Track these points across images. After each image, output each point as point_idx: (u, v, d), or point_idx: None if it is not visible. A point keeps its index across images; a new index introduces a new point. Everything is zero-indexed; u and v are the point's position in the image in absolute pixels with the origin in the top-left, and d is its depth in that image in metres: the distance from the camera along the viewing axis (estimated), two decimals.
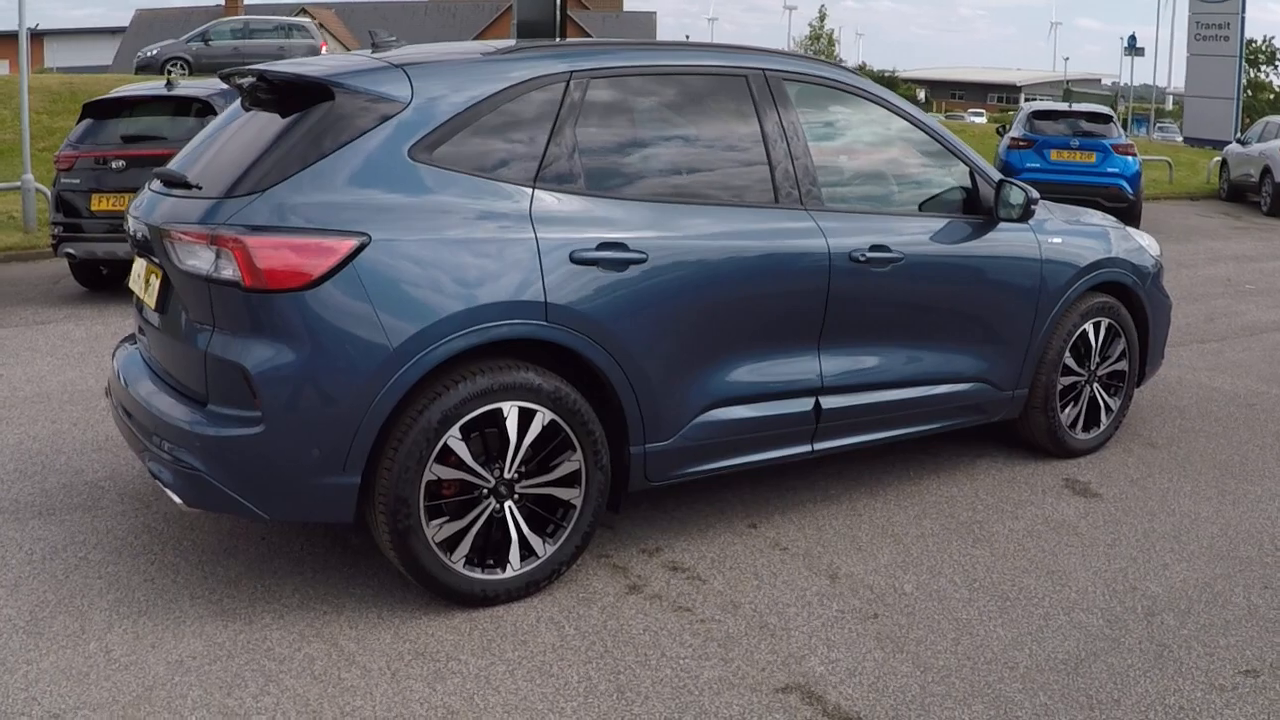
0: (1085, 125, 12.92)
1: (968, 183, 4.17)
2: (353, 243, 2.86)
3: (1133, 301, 4.74)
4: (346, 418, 2.87)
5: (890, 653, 2.94)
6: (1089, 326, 4.55)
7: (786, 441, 3.73)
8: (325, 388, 2.86)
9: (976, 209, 4.16)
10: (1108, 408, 4.73)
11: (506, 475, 3.11)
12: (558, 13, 18.29)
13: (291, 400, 2.85)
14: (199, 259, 2.90)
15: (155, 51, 22.04)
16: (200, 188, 3.04)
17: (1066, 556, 3.61)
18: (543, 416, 3.13)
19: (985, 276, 4.15)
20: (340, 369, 2.86)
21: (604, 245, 3.19)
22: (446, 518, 3.05)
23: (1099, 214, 5.04)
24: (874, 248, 3.76)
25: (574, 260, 3.13)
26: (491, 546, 3.14)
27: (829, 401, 3.76)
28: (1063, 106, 13.96)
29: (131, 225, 3.32)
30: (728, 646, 2.96)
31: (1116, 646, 3.00)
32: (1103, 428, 4.72)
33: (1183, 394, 5.65)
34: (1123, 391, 4.77)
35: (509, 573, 3.16)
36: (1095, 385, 4.66)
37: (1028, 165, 12.69)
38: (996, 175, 4.20)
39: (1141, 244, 4.87)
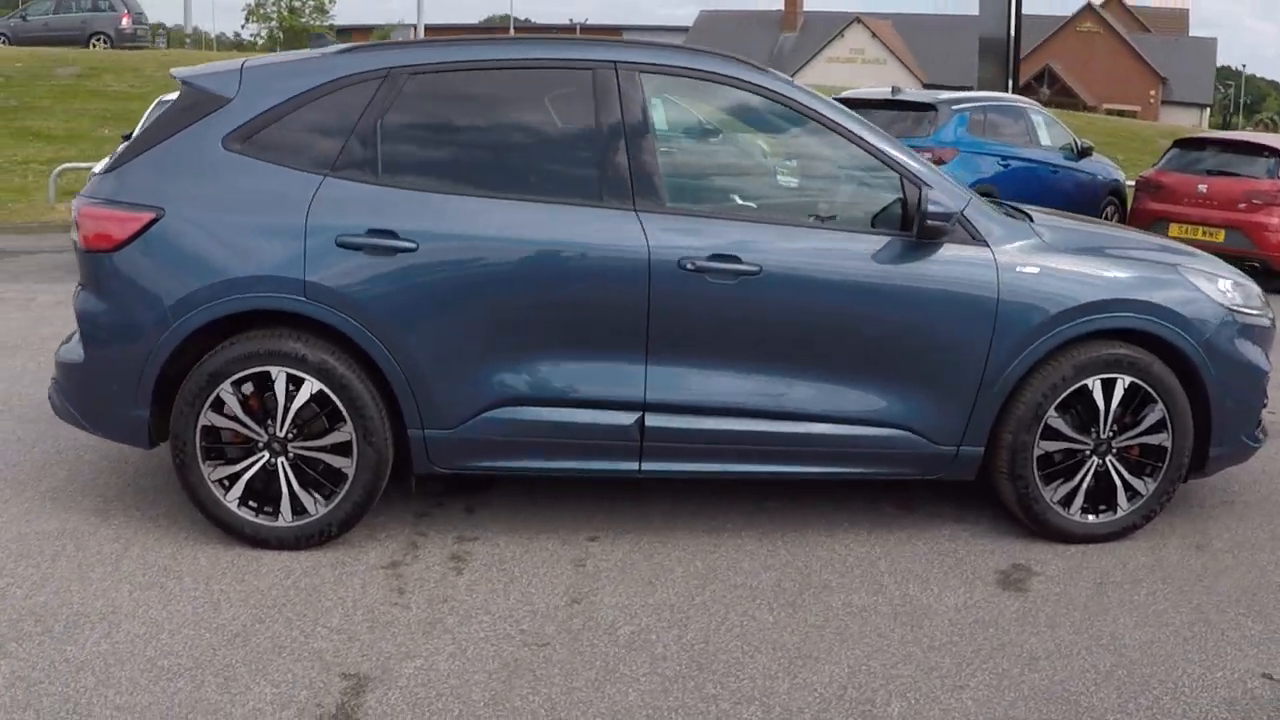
0: None
1: (899, 193, 3.54)
2: (149, 216, 3.37)
3: (1181, 360, 3.64)
4: (132, 361, 3.41)
5: (482, 678, 2.79)
6: (1094, 383, 3.61)
7: (605, 454, 3.55)
8: (118, 334, 3.43)
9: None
10: (1131, 490, 3.71)
11: (279, 434, 3.45)
12: (1011, 27, 17.85)
13: (97, 340, 3.47)
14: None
15: None
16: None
17: (847, 649, 3.00)
18: (310, 385, 3.40)
19: (894, 303, 3.50)
20: (129, 319, 3.41)
21: (373, 232, 3.36)
22: (222, 460, 3.48)
23: (1160, 240, 3.89)
24: (716, 256, 3.41)
25: (339, 244, 3.35)
26: (269, 496, 3.50)
27: (657, 420, 3.51)
28: None
29: None
30: (369, 629, 3.03)
31: None
32: (1120, 514, 3.71)
33: None
34: (1160, 473, 3.70)
35: (280, 522, 3.50)
36: (1110, 459, 3.68)
37: None
38: (932, 181, 3.51)
39: (1204, 288, 3.69)
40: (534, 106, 3.59)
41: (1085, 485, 3.69)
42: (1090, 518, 3.72)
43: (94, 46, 22.37)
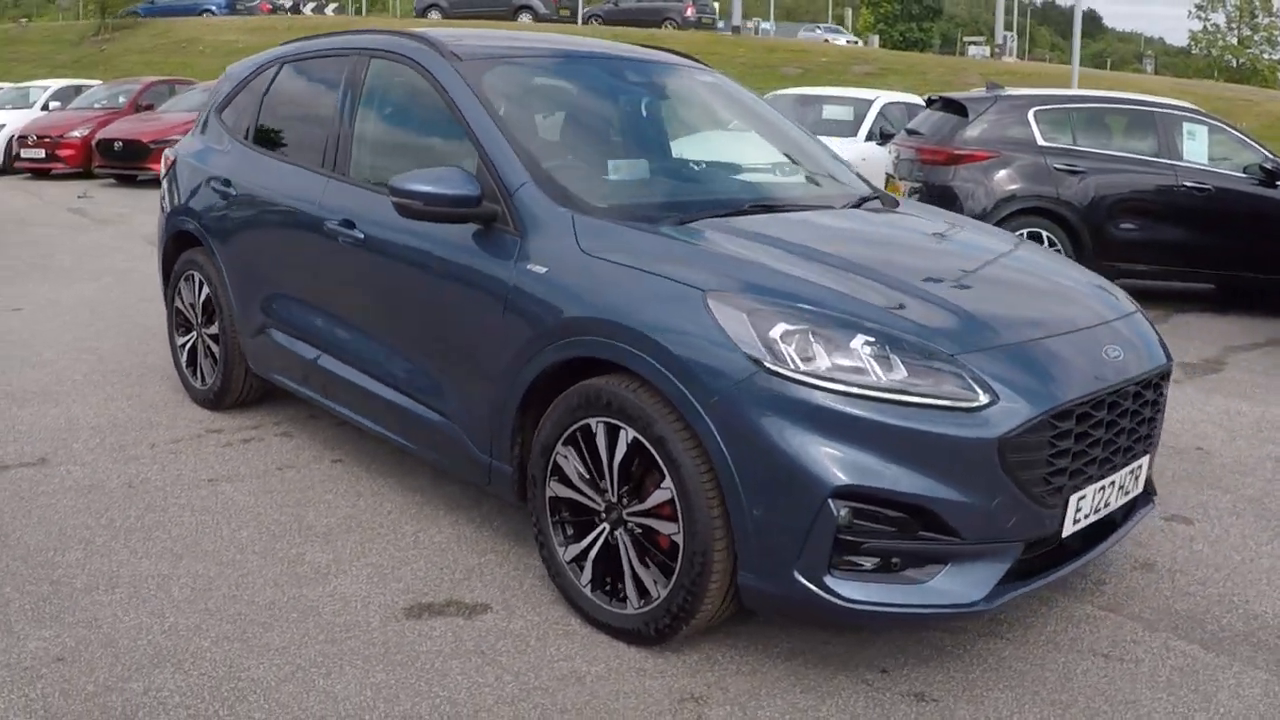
0: None
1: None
2: (173, 159, 4.99)
3: (687, 418, 2.57)
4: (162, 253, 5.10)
5: (46, 503, 3.76)
6: (596, 426, 2.80)
7: (310, 385, 4.05)
8: (161, 233, 5.12)
9: None
10: (641, 587, 2.77)
11: (198, 321, 4.79)
12: None
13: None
14: None
15: None
16: None
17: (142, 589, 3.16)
18: (205, 288, 4.66)
19: (436, 285, 3.27)
20: (163, 225, 5.07)
21: (223, 180, 4.44)
22: (182, 332, 4.94)
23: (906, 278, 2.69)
24: (343, 223, 3.66)
25: (210, 186, 4.51)
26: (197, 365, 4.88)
27: (326, 362, 3.90)
28: None
29: None
30: (101, 455, 4.20)
31: None
32: (629, 610, 2.80)
33: None
34: (674, 575, 2.66)
35: (198, 385, 4.80)
36: (621, 534, 2.80)
37: None
38: (501, 165, 3.18)
39: (730, 328, 2.52)
40: (325, 88, 4.18)
41: (593, 555, 2.87)
42: (604, 601, 2.87)
43: (664, 27, 28.00)
